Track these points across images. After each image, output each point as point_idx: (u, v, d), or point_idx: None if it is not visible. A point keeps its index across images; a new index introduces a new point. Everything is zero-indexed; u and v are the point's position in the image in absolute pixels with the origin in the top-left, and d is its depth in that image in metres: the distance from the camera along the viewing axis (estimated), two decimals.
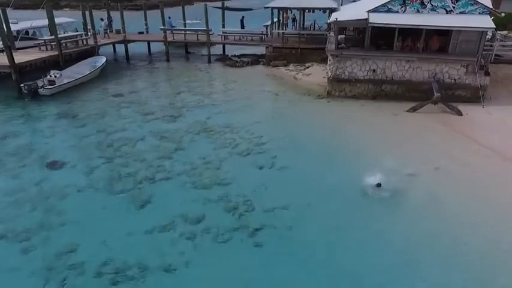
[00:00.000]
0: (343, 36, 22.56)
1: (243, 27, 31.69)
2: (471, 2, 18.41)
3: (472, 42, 18.79)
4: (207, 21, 28.70)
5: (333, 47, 20.60)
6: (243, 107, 20.17)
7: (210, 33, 29.08)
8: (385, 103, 19.79)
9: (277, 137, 16.22)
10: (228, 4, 37.96)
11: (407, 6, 19.09)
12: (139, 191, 12.26)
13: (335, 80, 20.90)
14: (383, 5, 19.13)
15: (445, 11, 18.83)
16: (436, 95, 18.34)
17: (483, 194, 11.99)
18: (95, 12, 31.09)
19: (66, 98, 21.27)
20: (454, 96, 19.49)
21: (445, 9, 18.81)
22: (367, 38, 19.93)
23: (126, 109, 19.86)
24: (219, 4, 34.98)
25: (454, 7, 18.68)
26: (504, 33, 25.90)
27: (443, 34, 19.41)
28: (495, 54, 20.68)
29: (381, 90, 20.60)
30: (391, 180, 12.29)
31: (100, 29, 30.84)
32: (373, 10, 19.27)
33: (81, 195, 12.12)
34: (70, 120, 18.27)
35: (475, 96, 19.27)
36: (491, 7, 18.65)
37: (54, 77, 21.87)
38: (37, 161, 14.22)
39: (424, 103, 18.59)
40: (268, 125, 17.80)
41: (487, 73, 19.45)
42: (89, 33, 28.53)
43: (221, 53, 31.93)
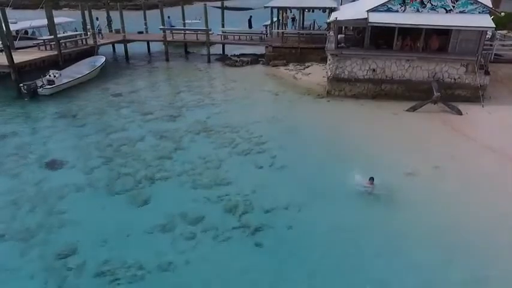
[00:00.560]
0: (342, 35, 22.57)
1: (250, 26, 31.41)
2: (471, 1, 18.38)
3: (471, 42, 18.78)
4: (207, 21, 28.67)
5: (333, 46, 20.58)
6: (243, 106, 20.16)
7: (210, 32, 29.06)
8: (385, 103, 19.78)
9: (277, 137, 16.21)
10: (227, 4, 37.90)
11: (407, 6, 19.06)
12: (139, 191, 12.25)
13: (335, 79, 20.88)
14: (383, 4, 19.09)
15: (444, 11, 18.81)
16: (435, 94, 18.35)
17: (483, 193, 11.99)
18: (95, 12, 31.03)
19: (66, 97, 21.25)
20: (453, 96, 19.48)
21: (445, 9, 18.78)
22: (366, 37, 19.91)
23: (125, 109, 19.83)
24: (219, 4, 34.92)
25: (453, 6, 18.65)
26: (504, 32, 25.87)
27: (443, 33, 19.40)
28: (495, 54, 20.67)
29: (381, 90, 20.58)
30: (391, 179, 12.29)
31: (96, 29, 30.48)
32: (373, 9, 19.24)
33: (81, 195, 12.10)
34: (69, 120, 18.24)
35: (475, 96, 19.26)
36: (491, 6, 18.64)
37: (54, 76, 21.85)
38: (36, 160, 14.19)
39: (424, 102, 18.58)
40: (267, 124, 17.78)
41: (487, 72, 19.44)
42: (88, 33, 28.49)
43: (221, 52, 31.90)
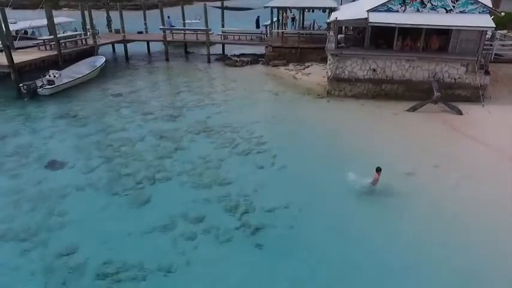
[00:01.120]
0: (342, 35, 22.57)
1: (258, 26, 31.30)
2: (471, 1, 18.39)
3: (472, 42, 18.79)
4: (207, 21, 28.65)
5: (333, 46, 20.58)
6: (243, 106, 20.15)
7: (210, 32, 29.05)
8: (385, 102, 19.78)
9: (277, 137, 16.22)
10: (227, 4, 37.90)
11: (407, 6, 19.07)
12: (139, 191, 12.24)
13: (335, 79, 20.87)
14: (383, 4, 19.10)
15: (445, 10, 18.81)
16: (436, 94, 18.35)
17: (483, 192, 11.97)
18: (94, 12, 31.02)
19: (66, 97, 21.23)
20: (454, 96, 19.48)
21: (445, 9, 18.79)
22: (367, 37, 19.91)
23: (125, 109, 19.82)
24: (219, 4, 34.92)
25: (454, 6, 18.65)
26: (504, 32, 25.89)
27: (443, 33, 19.41)
28: (495, 54, 20.68)
29: (381, 90, 20.59)
30: (391, 179, 12.28)
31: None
32: (373, 9, 19.24)
33: (81, 195, 12.09)
34: (69, 120, 18.22)
35: (475, 96, 19.26)
36: (491, 6, 18.64)
37: (54, 76, 21.82)
38: (37, 161, 14.17)
39: (424, 102, 18.58)
40: (268, 124, 17.77)
41: (487, 72, 19.45)
42: (88, 33, 28.47)
43: (220, 52, 31.92)
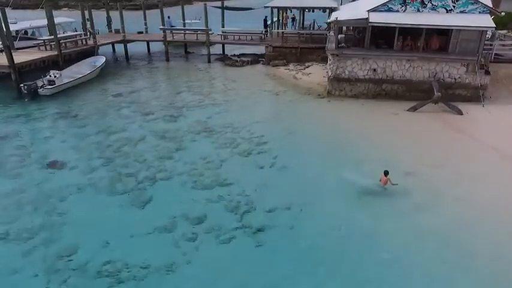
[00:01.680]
0: (343, 35, 22.58)
1: (266, 26, 31.35)
2: (471, 1, 18.41)
3: (472, 42, 18.81)
4: (207, 21, 28.65)
5: (333, 46, 20.59)
6: (243, 106, 20.16)
7: (210, 32, 29.05)
8: (386, 102, 19.80)
9: (278, 137, 16.23)
10: (227, 4, 37.90)
11: (407, 6, 19.08)
12: (140, 191, 12.25)
13: (335, 79, 20.88)
14: (383, 4, 19.12)
15: (445, 10, 18.84)
16: (436, 94, 18.36)
17: (483, 191, 12.01)
18: (94, 12, 31.01)
19: (66, 98, 21.23)
20: (454, 96, 19.50)
21: (445, 9, 18.81)
22: (367, 37, 19.92)
23: (126, 109, 19.82)
24: (219, 4, 34.92)
25: (454, 6, 18.68)
26: (503, 32, 25.90)
27: (444, 33, 19.45)
28: (495, 54, 20.69)
29: (381, 90, 20.60)
30: (392, 178, 12.29)
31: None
32: (373, 9, 19.25)
33: (82, 195, 12.10)
34: (70, 120, 18.22)
35: (475, 96, 19.28)
36: (491, 6, 18.66)
37: (54, 77, 21.83)
38: (37, 161, 14.18)
39: (425, 102, 18.60)
40: (268, 124, 17.78)
41: (487, 72, 19.47)
42: (88, 33, 28.46)
43: (221, 52, 31.92)
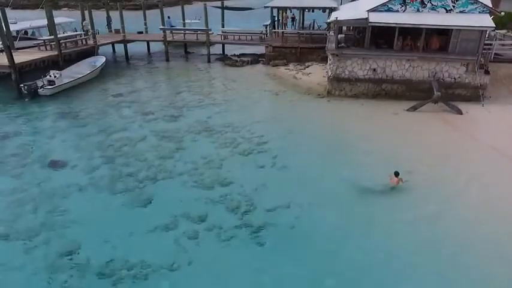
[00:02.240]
0: (342, 35, 22.61)
1: (274, 27, 31.36)
2: (471, 1, 18.44)
3: (472, 41, 18.83)
4: (207, 21, 28.67)
5: (333, 46, 20.62)
6: (244, 106, 20.18)
7: (210, 32, 29.07)
8: (386, 102, 19.83)
9: (278, 137, 16.25)
10: (227, 4, 37.91)
11: (407, 6, 19.12)
12: (141, 191, 12.28)
13: (335, 79, 20.92)
14: (383, 4, 19.14)
15: (445, 10, 18.87)
16: (436, 94, 18.40)
17: (482, 191, 12.05)
18: (94, 12, 31.01)
19: (66, 98, 21.26)
20: (454, 95, 19.54)
21: (445, 9, 18.84)
22: (367, 37, 19.95)
23: (126, 109, 19.85)
24: (219, 4, 34.94)
25: (454, 6, 18.71)
26: (503, 32, 25.94)
27: (443, 33, 19.48)
28: (495, 53, 20.72)
29: (381, 90, 20.63)
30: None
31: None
32: (373, 9, 19.28)
33: (83, 194, 12.13)
34: (70, 120, 18.24)
35: (475, 95, 19.32)
36: (491, 6, 18.70)
37: (54, 77, 21.83)
38: (38, 160, 14.21)
39: (425, 102, 18.64)
40: (268, 124, 17.81)
41: (487, 72, 19.52)
42: (88, 33, 28.48)
43: (221, 52, 31.94)
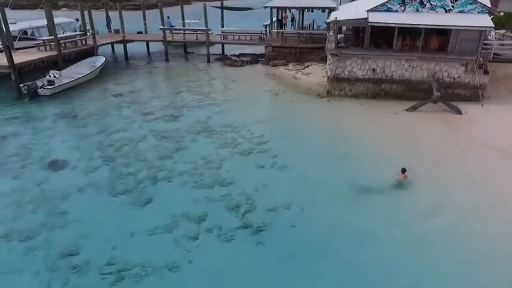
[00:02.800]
0: (342, 35, 22.63)
1: (281, 27, 31.21)
2: (470, 1, 18.47)
3: (471, 41, 18.85)
4: (206, 21, 28.68)
5: (333, 46, 20.65)
6: (243, 106, 20.20)
7: (209, 32, 29.08)
8: (385, 102, 19.86)
9: (278, 137, 16.28)
10: (227, 4, 37.93)
11: (406, 6, 19.15)
12: (141, 191, 12.29)
13: (335, 79, 20.94)
14: (382, 4, 19.17)
15: (444, 10, 18.89)
16: (435, 94, 18.43)
17: (483, 190, 12.09)
18: (94, 12, 30.99)
19: (66, 98, 21.26)
20: (453, 95, 19.57)
21: (444, 9, 18.87)
22: (366, 37, 19.98)
23: (126, 109, 19.86)
24: (218, 3, 34.95)
25: (453, 6, 18.74)
26: (502, 32, 25.99)
27: (443, 33, 19.50)
28: (494, 53, 20.77)
29: (381, 90, 20.66)
30: (391, 177, 12.39)
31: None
32: (373, 9, 19.31)
33: (83, 195, 12.13)
34: (70, 120, 18.25)
35: (475, 95, 19.34)
36: (490, 6, 18.73)
37: (54, 77, 21.83)
38: (38, 161, 14.21)
39: (424, 102, 18.67)
40: (268, 124, 17.84)
41: (486, 72, 19.55)
42: (88, 33, 28.49)
43: (220, 52, 31.95)
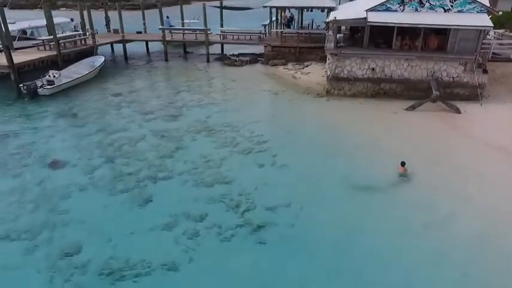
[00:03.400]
0: (341, 35, 22.68)
1: (289, 27, 31.26)
2: (469, 0, 18.52)
3: (470, 41, 18.90)
4: (206, 21, 28.69)
5: (332, 46, 20.69)
6: (243, 106, 20.22)
7: (209, 32, 29.10)
8: (384, 102, 19.90)
9: (278, 136, 16.31)
10: (226, 3, 37.96)
11: (405, 5, 19.19)
12: (141, 190, 12.31)
13: (334, 78, 20.98)
14: (381, 4, 19.22)
15: (443, 10, 18.95)
16: (434, 93, 18.48)
17: (481, 189, 12.11)
18: (93, 12, 31.00)
19: (66, 97, 21.27)
20: (452, 95, 19.62)
21: (443, 8, 18.92)
22: (365, 36, 20.02)
23: (125, 108, 19.87)
24: (217, 3, 34.99)
25: (452, 6, 18.80)
26: (501, 31, 26.08)
27: (442, 33, 19.55)
28: (493, 53, 20.83)
29: (380, 89, 20.70)
30: (390, 177, 12.43)
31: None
32: (372, 9, 19.35)
33: (84, 194, 12.15)
34: (70, 120, 18.27)
35: (473, 94, 19.40)
36: (489, 6, 18.79)
37: (53, 76, 21.84)
38: (38, 160, 14.22)
39: (423, 101, 18.72)
40: (268, 123, 17.88)
41: (485, 71, 19.60)
42: (87, 33, 28.50)
43: (220, 52, 31.97)
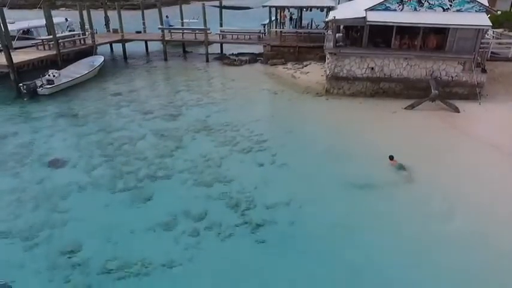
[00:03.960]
0: (341, 34, 22.71)
1: (295, 26, 31.24)
2: (467, 0, 18.58)
3: (468, 40, 18.95)
4: (205, 21, 28.71)
5: (331, 45, 20.73)
6: (242, 105, 20.26)
7: (208, 32, 29.13)
8: (384, 101, 19.94)
9: (277, 135, 16.35)
10: (225, 3, 37.97)
11: (404, 5, 19.24)
12: (141, 189, 12.34)
13: (333, 78, 21.02)
14: (381, 3, 19.26)
15: (442, 9, 19.00)
16: (433, 92, 18.53)
17: (481, 188, 12.15)
18: (92, 12, 30.95)
19: (65, 97, 21.29)
20: (451, 94, 19.67)
21: (442, 7, 18.97)
22: (365, 36, 20.07)
23: (125, 108, 19.90)
24: (217, 3, 35.00)
25: (450, 5, 18.85)
26: (500, 31, 26.12)
27: (441, 32, 19.59)
28: (491, 52, 20.88)
29: (379, 88, 20.74)
30: (389, 176, 12.47)
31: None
32: (371, 8, 19.39)
33: (84, 193, 12.18)
34: (70, 119, 18.29)
35: (472, 94, 19.46)
36: (488, 5, 18.84)
37: (53, 76, 21.86)
38: (38, 160, 14.24)
39: (422, 100, 18.76)
40: (267, 123, 17.92)
41: (484, 70, 19.65)
42: (86, 33, 28.50)
43: (219, 51, 31.98)
